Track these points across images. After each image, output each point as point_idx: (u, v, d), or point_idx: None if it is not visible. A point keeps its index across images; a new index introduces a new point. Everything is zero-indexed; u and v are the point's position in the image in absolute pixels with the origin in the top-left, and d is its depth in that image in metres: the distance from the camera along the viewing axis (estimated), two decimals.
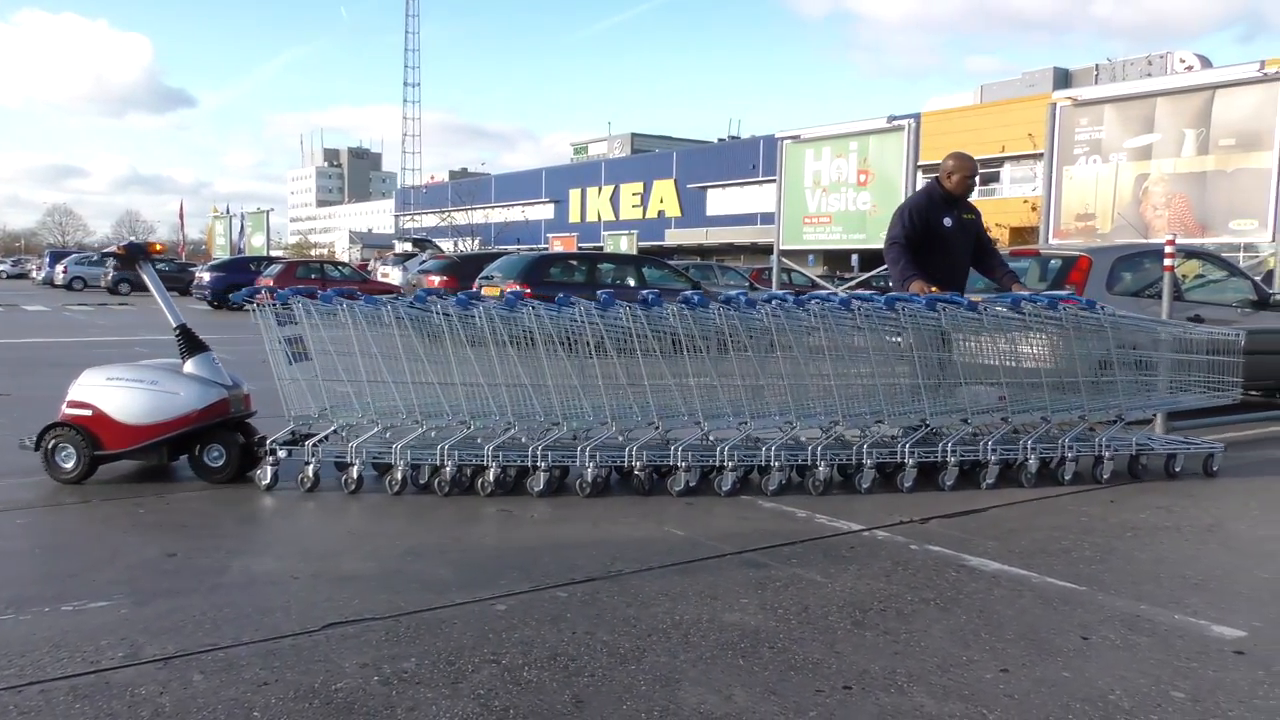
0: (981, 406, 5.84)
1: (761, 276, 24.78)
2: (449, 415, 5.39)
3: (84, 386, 5.37)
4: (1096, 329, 5.85)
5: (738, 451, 5.33)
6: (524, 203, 69.79)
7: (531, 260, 14.64)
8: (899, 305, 5.51)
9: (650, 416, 5.38)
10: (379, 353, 5.37)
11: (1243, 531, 4.77)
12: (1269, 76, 8.67)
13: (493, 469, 5.20)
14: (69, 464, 5.27)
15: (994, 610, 3.57)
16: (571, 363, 5.34)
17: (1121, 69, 45.35)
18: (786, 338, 5.45)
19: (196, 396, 5.35)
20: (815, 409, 5.55)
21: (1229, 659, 3.15)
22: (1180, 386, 6.18)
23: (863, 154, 12.03)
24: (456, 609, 3.50)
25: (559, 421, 5.39)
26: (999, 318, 5.73)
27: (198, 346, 5.54)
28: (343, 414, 5.44)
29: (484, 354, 5.34)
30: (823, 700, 2.82)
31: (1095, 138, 10.26)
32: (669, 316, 5.33)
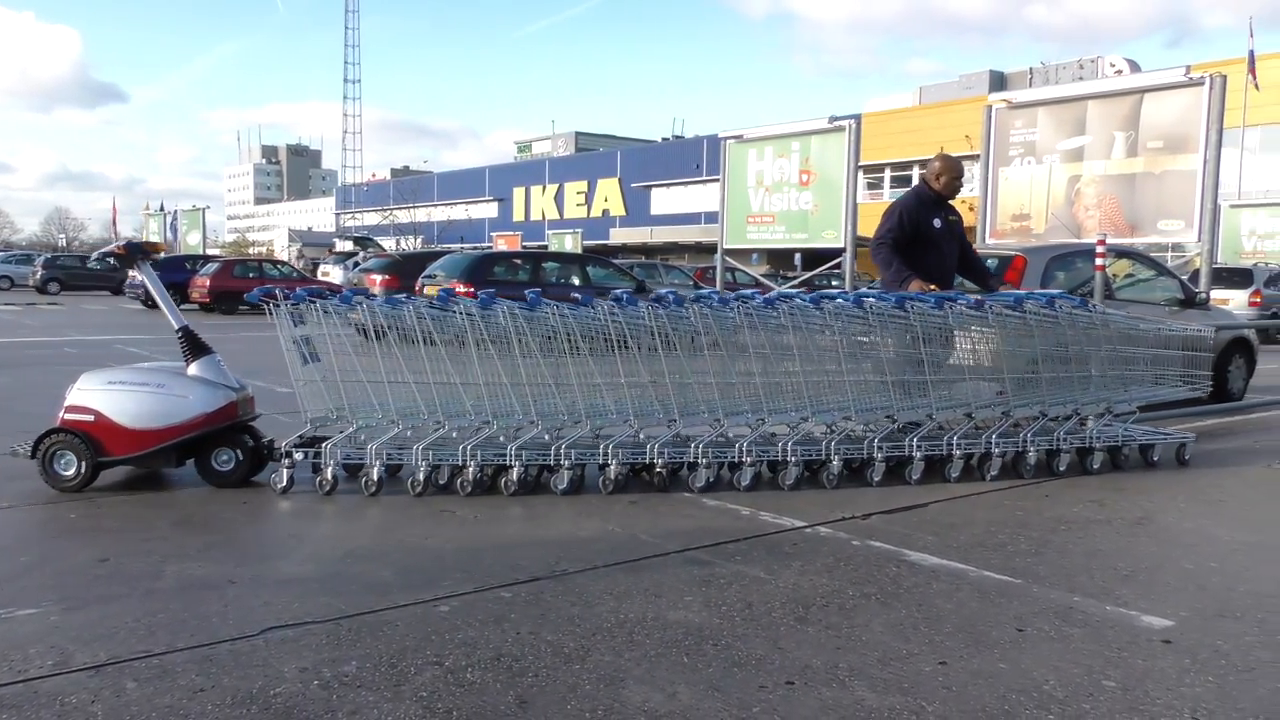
0: (983, 401, 6.00)
1: (706, 275, 24.90)
2: (470, 415, 5.37)
3: (84, 391, 5.20)
4: (1089, 327, 6.09)
5: (754, 448, 5.41)
6: (467, 201, 69.34)
7: (475, 259, 14.54)
8: (908, 304, 5.67)
9: (672, 413, 5.48)
10: (400, 352, 5.33)
11: (1170, 524, 4.91)
12: (1194, 81, 8.92)
13: (516, 468, 5.19)
14: (69, 471, 5.09)
15: (933, 604, 3.63)
16: (596, 362, 5.38)
17: (1055, 72, 46.39)
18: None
19: (206, 399, 5.24)
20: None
21: (1157, 648, 3.24)
22: (1158, 380, 6.46)
23: (805, 154, 12.15)
24: (398, 611, 3.47)
25: (581, 419, 5.42)
26: (1002, 316, 5.89)
27: (201, 349, 5.42)
28: (363, 414, 5.37)
29: (506, 353, 5.33)
30: (766, 696, 2.84)
31: (1029, 140, 10.48)
32: (690, 315, 5.45)
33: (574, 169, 66.15)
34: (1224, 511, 5.17)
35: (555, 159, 72.70)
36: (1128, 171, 9.58)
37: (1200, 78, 8.90)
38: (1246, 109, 33.31)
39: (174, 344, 5.56)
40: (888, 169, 48.41)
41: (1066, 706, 2.80)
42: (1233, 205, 22.78)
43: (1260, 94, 34.56)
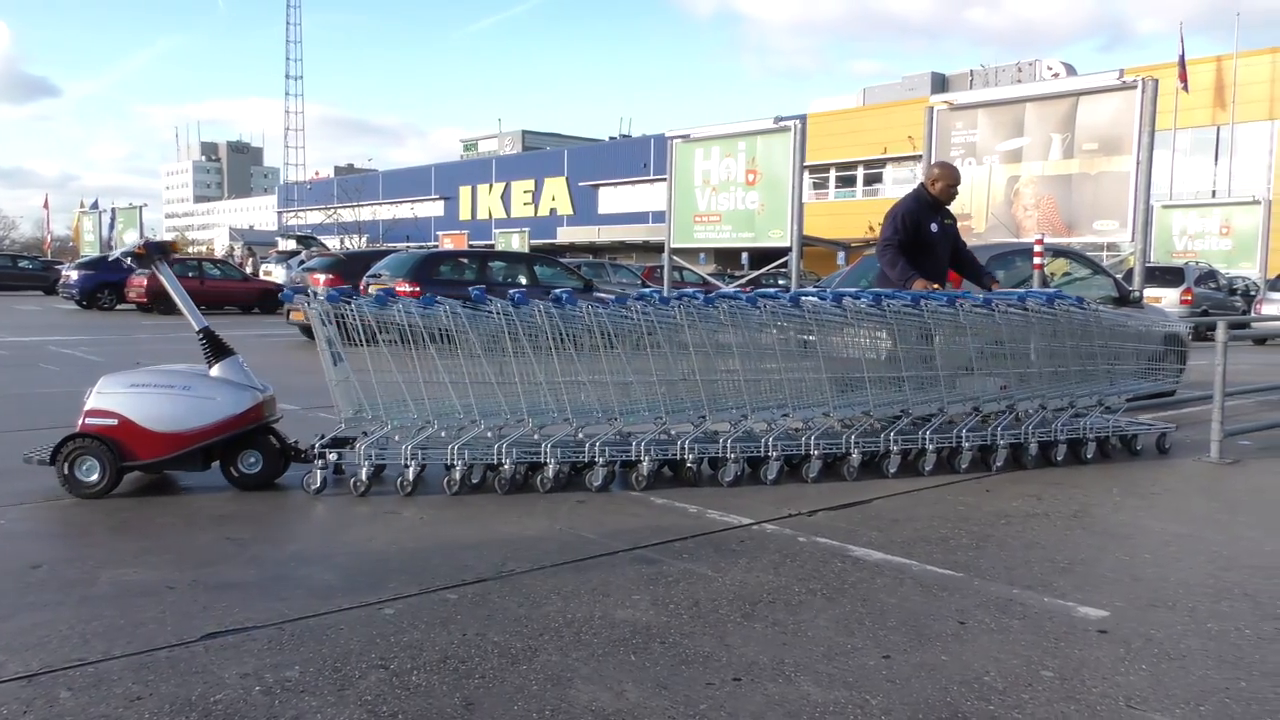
0: (990, 395, 6.24)
1: (654, 274, 24.97)
2: (506, 414, 5.41)
3: (105, 394, 5.07)
4: (1084, 325, 6.40)
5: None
6: (413, 200, 68.68)
7: (420, 258, 14.40)
8: (922, 302, 5.90)
9: (701, 410, 5.60)
10: (436, 352, 5.31)
11: (1105, 516, 5.02)
12: (1127, 85, 9.15)
13: (551, 465, 5.24)
14: (92, 476, 4.96)
15: (877, 598, 3.67)
16: (629, 359, 5.48)
17: (994, 75, 47.23)
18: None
19: (233, 401, 5.17)
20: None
21: (1093, 638, 3.32)
22: (1142, 374, 6.85)
23: (751, 154, 12.24)
24: (342, 614, 3.42)
25: (614, 417, 5.48)
26: (1006, 314, 6.14)
27: (224, 350, 5.33)
28: (397, 414, 5.34)
29: (542, 352, 5.38)
30: (713, 693, 2.85)
31: (970, 140, 10.66)
32: (719, 315, 5.59)
33: (521, 168, 65.87)
34: (1157, 504, 5.31)
35: (502, 157, 72.31)
36: (1064, 172, 9.80)
37: (1133, 81, 9.13)
38: (1177, 112, 34.28)
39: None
40: (833, 169, 48.94)
41: (1006, 697, 2.85)
42: (1165, 206, 23.40)
43: (1190, 97, 35.57)
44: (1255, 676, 3.02)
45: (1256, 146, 35.65)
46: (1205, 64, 37.02)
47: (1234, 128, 35.81)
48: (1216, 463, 6.39)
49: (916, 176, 12.17)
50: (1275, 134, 35.33)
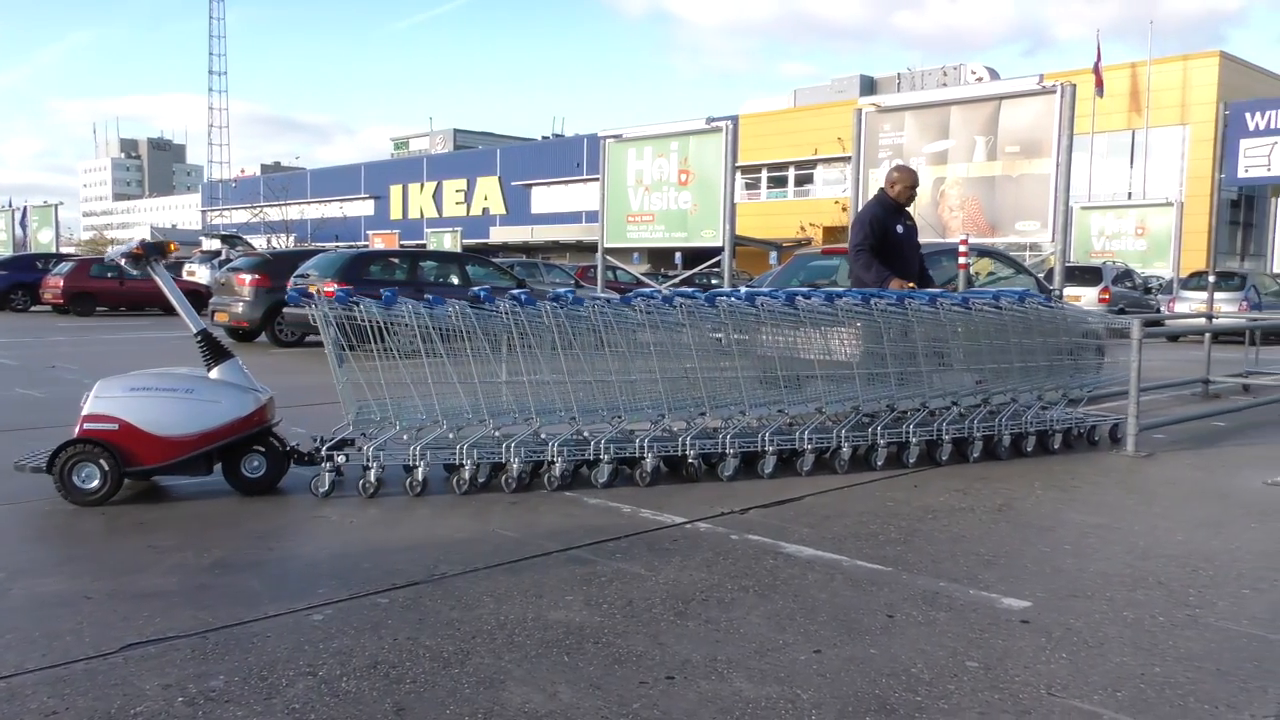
0: (967, 390, 6.54)
1: (587, 274, 24.93)
2: (515, 413, 5.46)
3: (104, 399, 4.94)
4: (1051, 321, 6.73)
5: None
6: (342, 198, 67.56)
7: (350, 258, 14.17)
8: (907, 301, 6.17)
9: (704, 406, 5.74)
10: (444, 352, 5.32)
11: (1028, 510, 5.15)
12: (1047, 89, 9.39)
13: (559, 464, 5.30)
14: (92, 483, 4.83)
15: (808, 594, 3.72)
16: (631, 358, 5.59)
17: (921, 78, 48.16)
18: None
19: (238, 404, 5.10)
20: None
21: (1016, 628, 3.41)
22: (1100, 368, 7.29)
23: (683, 154, 12.28)
24: (269, 621, 3.36)
25: (621, 415, 5.58)
26: (982, 313, 6.49)
27: (222, 353, 5.27)
28: (406, 416, 5.33)
29: (549, 352, 5.47)
30: (646, 692, 2.86)
31: (897, 143, 10.84)
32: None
33: (453, 167, 65.26)
34: (1077, 497, 5.46)
35: (434, 156, 71.54)
36: (988, 174, 10.01)
37: (1052, 86, 9.37)
38: (1095, 116, 35.32)
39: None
40: (765, 169, 49.40)
41: (933, 687, 2.91)
42: (1084, 207, 24.09)
43: (1107, 102, 36.68)
44: (1169, 661, 3.12)
45: (1170, 150, 36.89)
46: (1121, 70, 38.21)
47: (1148, 132, 37.01)
48: (1132, 456, 6.59)
49: (846, 177, 12.34)
50: (1187, 138, 36.60)
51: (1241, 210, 39.57)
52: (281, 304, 14.40)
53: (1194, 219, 27.74)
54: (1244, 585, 3.91)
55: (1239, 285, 20.23)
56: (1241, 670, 3.06)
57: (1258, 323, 13.01)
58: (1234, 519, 5.00)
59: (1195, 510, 5.19)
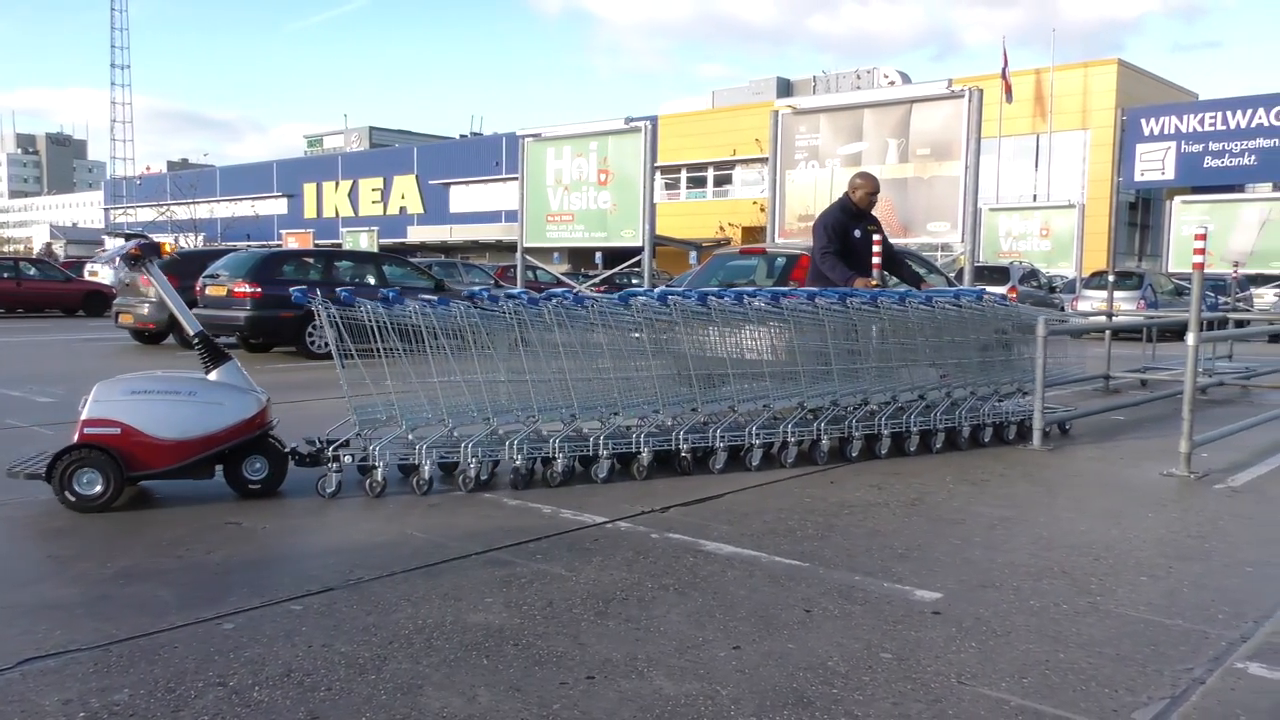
0: (931, 384, 6.86)
1: (507, 274, 24.76)
2: (518, 411, 5.54)
3: (104, 403, 4.83)
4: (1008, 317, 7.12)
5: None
6: (253, 197, 65.82)
7: (261, 257, 13.80)
8: (880, 300, 6.43)
9: (695, 404, 5.96)
10: (451, 352, 5.36)
11: (940, 503, 5.28)
12: (955, 94, 9.65)
13: (560, 460, 5.41)
14: (94, 489, 4.72)
15: (728, 591, 3.76)
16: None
17: (835, 81, 48.98)
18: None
19: (241, 406, 5.05)
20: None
21: (928, 619, 3.49)
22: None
23: (602, 154, 12.29)
24: (177, 631, 3.26)
25: (618, 411, 5.71)
26: (945, 309, 6.85)
27: (220, 355, 5.16)
28: (411, 415, 5.34)
29: (552, 350, 5.56)
30: (567, 692, 2.86)
31: (813, 144, 11.02)
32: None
33: (369, 165, 64.18)
34: (986, 490, 5.62)
35: (349, 154, 70.30)
36: (900, 176, 10.24)
37: (960, 91, 9.63)
38: (1002, 120, 36.38)
39: None
40: (684, 169, 49.69)
41: (849, 679, 2.97)
42: (992, 209, 24.78)
43: (1013, 106, 37.82)
44: (1072, 648, 3.23)
45: (1072, 154, 38.21)
46: (1026, 76, 39.43)
47: (1051, 136, 38.28)
48: (1039, 449, 6.81)
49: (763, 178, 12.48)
50: (1088, 143, 37.96)
51: (1139, 212, 41.21)
52: (190, 305, 13.98)
53: (1095, 220, 28.82)
54: (1141, 573, 4.07)
55: (1137, 285, 21.06)
56: (1139, 655, 3.19)
57: (1154, 321, 13.55)
58: (1132, 509, 5.20)
59: (1097, 501, 5.39)
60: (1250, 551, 4.41)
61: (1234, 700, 2.86)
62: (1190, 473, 5.98)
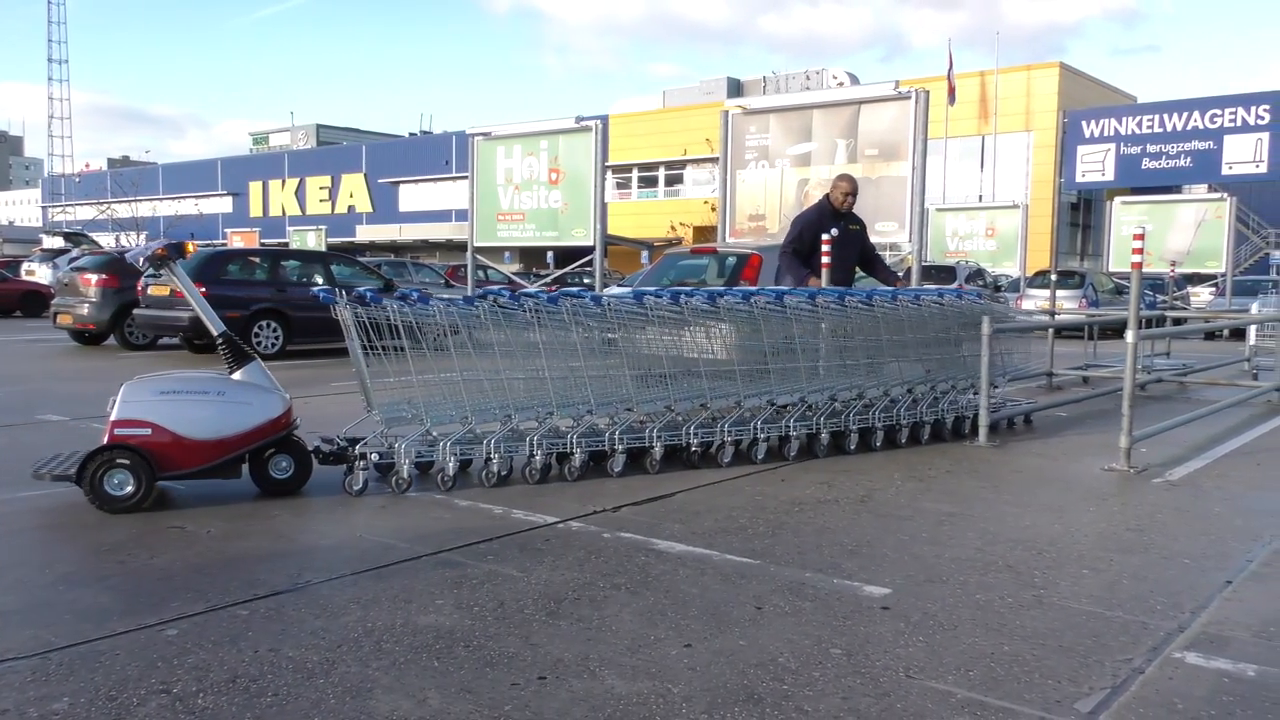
0: (918, 378, 7.16)
1: (457, 274, 24.58)
2: (538, 408, 5.64)
3: (134, 403, 4.84)
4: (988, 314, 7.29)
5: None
6: (197, 195, 64.60)
7: (206, 257, 13.53)
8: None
9: (704, 399, 6.15)
10: (474, 351, 5.47)
11: (889, 499, 5.35)
12: (902, 95, 9.77)
13: (578, 454, 5.56)
14: (126, 489, 4.72)
15: (679, 590, 3.77)
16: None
17: (785, 82, 49.31)
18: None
19: (268, 406, 5.10)
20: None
21: (877, 614, 3.53)
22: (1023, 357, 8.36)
23: (553, 153, 12.26)
24: (119, 638, 3.19)
25: (631, 407, 5.86)
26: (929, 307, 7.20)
27: (244, 356, 5.20)
28: (435, 414, 5.42)
29: (571, 348, 5.70)
30: (518, 693, 2.85)
31: (763, 144, 11.08)
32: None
33: (316, 163, 63.32)
34: (933, 486, 5.70)
35: (295, 152, 69.28)
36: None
37: (907, 92, 9.75)
38: (948, 122, 36.91)
39: None
40: (635, 169, 49.71)
41: (799, 676, 2.99)
42: (938, 209, 25.11)
43: (958, 108, 38.39)
44: (1016, 640, 3.30)
45: (1016, 155, 38.89)
46: (971, 78, 40.02)
47: (996, 138, 38.92)
48: (984, 446, 6.93)
49: (714, 178, 12.55)
50: (1031, 144, 38.65)
51: (1080, 213, 42.05)
52: (132, 305, 13.69)
53: (1038, 221, 29.39)
54: (1083, 566, 4.16)
55: (1079, 284, 21.50)
56: (1081, 646, 3.26)
57: (1095, 319, 13.85)
58: (1074, 503, 5.31)
59: (1040, 496, 5.49)
60: (1187, 544, 4.52)
61: (1171, 689, 2.94)
62: (1130, 467, 6.12)
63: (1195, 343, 17.22)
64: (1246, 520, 4.98)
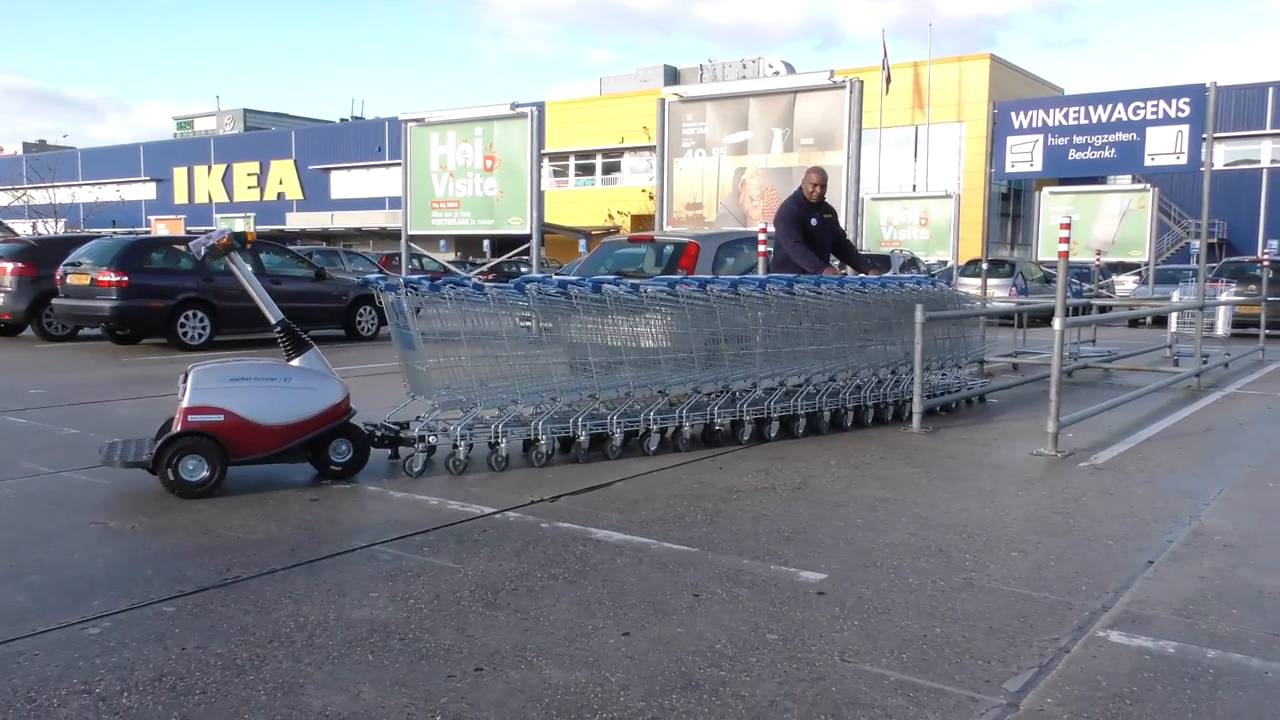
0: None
1: (391, 262, 24.25)
2: (583, 390, 5.89)
3: (206, 390, 4.94)
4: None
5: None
6: (119, 181, 62.65)
7: (128, 245, 13.12)
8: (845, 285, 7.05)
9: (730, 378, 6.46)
10: (523, 336, 5.72)
11: (825, 486, 5.41)
12: (837, 84, 9.85)
13: (618, 434, 5.86)
14: (200, 475, 4.84)
15: (617, 579, 3.76)
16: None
17: (721, 70, 49.48)
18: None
19: (331, 392, 5.24)
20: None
21: (813, 600, 3.57)
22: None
23: (488, 140, 12.13)
24: (37, 639, 3.08)
25: (665, 390, 6.21)
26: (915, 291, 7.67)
27: (303, 344, 5.30)
28: (488, 398, 5.60)
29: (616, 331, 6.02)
30: (454, 685, 2.82)
31: (700, 133, 11.10)
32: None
33: (244, 149, 61.87)
34: (868, 473, 5.77)
35: (222, 137, 67.48)
36: (785, 165, 10.42)
37: (841, 82, 9.84)
38: (883, 112, 37.40)
39: None
40: (572, 156, 49.52)
41: (736, 661, 3.01)
42: (874, 198, 25.42)
43: (892, 98, 38.92)
44: (948, 623, 3.35)
45: (948, 145, 39.58)
46: (904, 69, 40.61)
47: (929, 128, 39.57)
48: (917, 432, 7.04)
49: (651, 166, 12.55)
50: (963, 135, 39.35)
51: (1010, 203, 42.98)
52: (50, 294, 13.25)
53: (970, 210, 29.93)
54: (1012, 549, 4.25)
55: (1009, 272, 21.96)
56: (1010, 627, 3.33)
57: (1024, 307, 14.15)
58: (1004, 488, 5.42)
59: (970, 481, 5.60)
60: (1111, 525, 4.65)
61: (1095, 667, 3.01)
62: (1057, 452, 6.27)
63: (1119, 330, 17.72)
64: (1167, 502, 5.14)
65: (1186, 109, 10.01)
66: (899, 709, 2.71)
